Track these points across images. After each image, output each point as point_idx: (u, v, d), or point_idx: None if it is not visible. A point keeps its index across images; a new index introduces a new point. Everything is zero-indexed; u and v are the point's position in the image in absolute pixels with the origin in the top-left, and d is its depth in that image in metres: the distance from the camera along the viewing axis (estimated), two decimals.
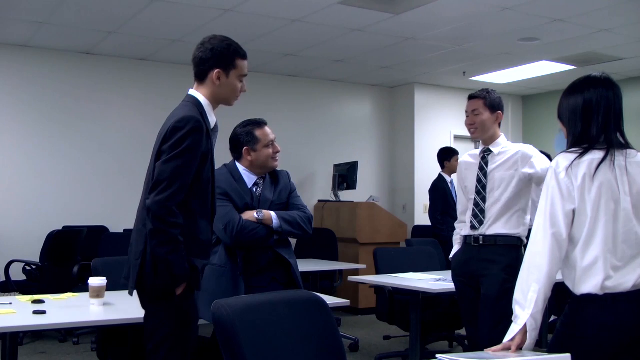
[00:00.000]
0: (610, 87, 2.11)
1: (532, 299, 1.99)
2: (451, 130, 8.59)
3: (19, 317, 2.69)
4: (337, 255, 6.20)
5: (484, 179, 3.36)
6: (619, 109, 2.12)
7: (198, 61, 2.52)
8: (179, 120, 2.37)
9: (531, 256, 2.05)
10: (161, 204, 2.32)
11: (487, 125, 3.38)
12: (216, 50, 2.51)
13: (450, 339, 5.51)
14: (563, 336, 2.06)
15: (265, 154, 3.23)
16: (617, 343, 1.97)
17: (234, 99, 2.61)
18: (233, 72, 2.55)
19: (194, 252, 2.42)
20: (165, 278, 2.35)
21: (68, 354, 5.18)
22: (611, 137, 2.07)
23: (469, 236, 3.39)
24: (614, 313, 1.97)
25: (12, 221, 6.41)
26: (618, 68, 7.30)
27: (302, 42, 6.44)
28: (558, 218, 2.02)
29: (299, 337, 1.99)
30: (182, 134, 2.35)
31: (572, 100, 2.14)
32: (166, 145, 2.37)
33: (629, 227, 2.03)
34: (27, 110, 6.59)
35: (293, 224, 3.21)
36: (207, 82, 2.53)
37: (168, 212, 2.32)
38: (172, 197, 2.33)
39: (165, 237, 2.33)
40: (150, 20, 5.71)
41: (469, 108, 3.43)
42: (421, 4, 5.25)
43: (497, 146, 3.39)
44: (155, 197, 2.34)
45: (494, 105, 3.39)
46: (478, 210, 3.36)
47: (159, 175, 2.35)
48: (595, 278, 1.99)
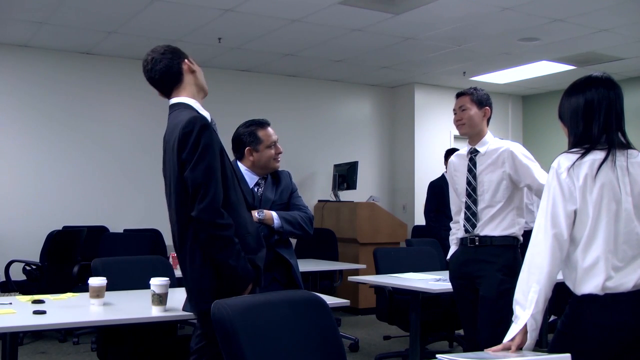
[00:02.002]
0: (611, 87, 2.11)
1: (532, 299, 1.99)
2: (451, 130, 8.58)
3: (19, 317, 2.69)
4: (337, 255, 6.20)
5: (474, 181, 3.33)
6: (620, 109, 2.11)
7: (165, 69, 2.53)
8: (186, 125, 2.36)
9: (532, 256, 2.05)
10: (208, 209, 2.30)
11: (475, 121, 3.36)
12: (169, 51, 2.57)
13: (450, 339, 5.51)
14: (563, 336, 2.06)
15: (267, 154, 3.22)
16: (618, 343, 1.97)
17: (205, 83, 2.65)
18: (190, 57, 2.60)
19: (250, 247, 2.42)
20: (231, 283, 2.34)
21: (68, 354, 5.18)
22: (612, 137, 2.06)
23: (465, 237, 3.38)
24: (614, 313, 1.97)
25: (12, 221, 6.41)
26: (618, 68, 7.30)
27: (302, 42, 6.43)
28: (559, 218, 2.02)
29: (299, 337, 1.99)
30: (194, 136, 2.34)
31: (573, 100, 2.13)
32: (185, 153, 2.35)
33: (630, 228, 2.03)
34: (27, 110, 6.59)
35: (294, 224, 3.21)
36: (185, 79, 2.55)
37: (217, 214, 2.31)
38: (215, 199, 2.32)
39: (222, 242, 2.32)
40: (150, 20, 5.71)
41: (457, 105, 3.43)
42: (421, 4, 5.25)
43: (483, 145, 3.35)
44: (199, 205, 2.30)
45: (481, 101, 3.37)
46: (470, 213, 3.33)
47: (194, 184, 2.32)
48: (597, 278, 1.99)
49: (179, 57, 2.55)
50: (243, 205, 2.51)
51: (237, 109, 6.80)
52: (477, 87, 3.47)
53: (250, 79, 7.67)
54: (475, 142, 3.38)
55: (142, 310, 2.85)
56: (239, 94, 7.39)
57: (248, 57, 7.02)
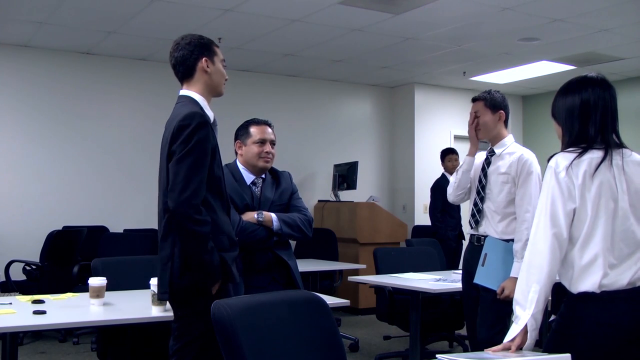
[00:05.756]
0: (606, 87, 2.13)
1: (532, 299, 2.00)
2: (451, 130, 8.59)
3: (19, 317, 2.69)
4: (337, 255, 6.20)
5: (484, 179, 3.40)
6: (615, 110, 2.13)
7: (181, 60, 2.53)
8: (184, 118, 2.37)
9: (531, 256, 2.05)
10: (187, 203, 2.30)
11: (490, 126, 3.41)
12: (194, 43, 2.54)
13: (450, 339, 5.51)
14: (561, 336, 2.07)
15: (252, 150, 3.22)
16: (615, 340, 1.98)
17: (223, 86, 2.63)
18: (216, 58, 2.58)
19: (224, 246, 2.43)
20: (200, 277, 2.35)
21: (68, 354, 5.18)
22: (608, 137, 2.08)
23: (472, 235, 3.46)
24: (611, 310, 1.98)
25: (12, 221, 6.41)
26: (618, 68, 7.30)
27: (302, 42, 6.44)
28: (559, 217, 2.02)
29: (299, 337, 1.99)
30: (189, 130, 2.35)
31: (568, 99, 2.14)
32: (176, 145, 2.36)
33: (627, 226, 2.04)
34: (27, 110, 6.59)
35: (293, 226, 3.20)
36: (197, 75, 2.55)
37: (195, 210, 2.31)
38: (196, 194, 2.32)
39: (197, 236, 2.32)
40: (150, 20, 5.71)
41: (472, 111, 3.47)
42: (421, 4, 5.25)
43: (500, 147, 3.41)
44: (178, 197, 2.30)
45: (495, 104, 3.41)
46: (476, 210, 3.42)
47: (176, 176, 2.32)
48: (594, 276, 2.00)
49: (199, 53, 2.53)
50: (225, 210, 2.51)
51: (237, 109, 6.80)
52: (491, 89, 3.50)
53: (250, 79, 7.67)
54: (494, 144, 3.44)
55: (142, 310, 2.86)
56: (239, 94, 7.38)
57: (248, 57, 7.03)
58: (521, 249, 3.09)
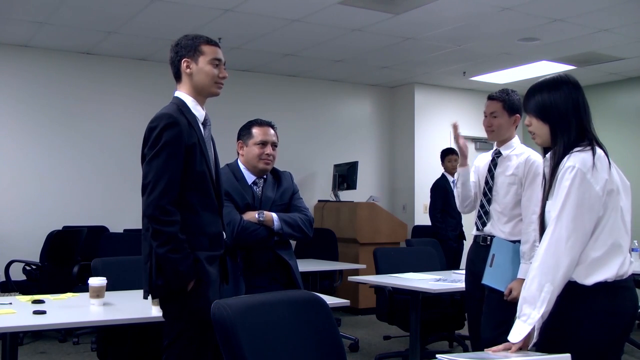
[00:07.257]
0: (580, 88, 2.17)
1: (545, 299, 1.98)
2: (451, 130, 8.57)
3: (19, 317, 2.69)
4: (337, 255, 6.20)
5: (491, 181, 3.38)
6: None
7: (170, 62, 2.59)
8: (152, 120, 2.45)
9: (547, 256, 2.01)
10: (153, 205, 2.36)
11: (504, 128, 3.37)
12: (180, 45, 2.57)
13: (450, 339, 5.51)
14: (559, 332, 2.05)
15: (253, 151, 3.22)
16: (617, 330, 2.03)
17: (214, 86, 2.60)
18: (201, 58, 2.56)
19: (203, 246, 2.44)
20: (172, 277, 2.36)
21: (68, 354, 5.18)
22: (596, 135, 2.13)
23: (478, 235, 3.43)
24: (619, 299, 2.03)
25: (12, 221, 6.41)
26: (618, 68, 7.30)
27: (302, 42, 6.44)
28: (585, 222, 2.02)
29: (299, 337, 1.99)
30: (157, 132, 2.41)
31: (559, 97, 2.13)
32: (146, 148, 2.45)
33: (628, 217, 2.11)
34: (27, 110, 6.59)
35: (294, 226, 3.20)
36: (183, 77, 2.58)
37: (161, 211, 2.35)
38: (163, 195, 2.36)
39: (163, 236, 2.35)
40: (150, 20, 5.71)
41: (488, 110, 3.40)
42: (421, 4, 5.25)
43: (507, 149, 3.39)
44: (146, 199, 2.38)
45: (513, 107, 3.35)
46: (483, 211, 3.40)
47: (145, 178, 2.42)
48: (611, 266, 2.02)
49: (181, 55, 2.56)
50: (210, 209, 2.51)
51: (237, 109, 6.81)
52: (509, 90, 3.42)
53: (250, 79, 7.67)
54: (501, 145, 3.42)
55: (142, 310, 2.86)
56: (239, 94, 7.38)
57: (248, 57, 7.02)
58: (529, 250, 3.07)
